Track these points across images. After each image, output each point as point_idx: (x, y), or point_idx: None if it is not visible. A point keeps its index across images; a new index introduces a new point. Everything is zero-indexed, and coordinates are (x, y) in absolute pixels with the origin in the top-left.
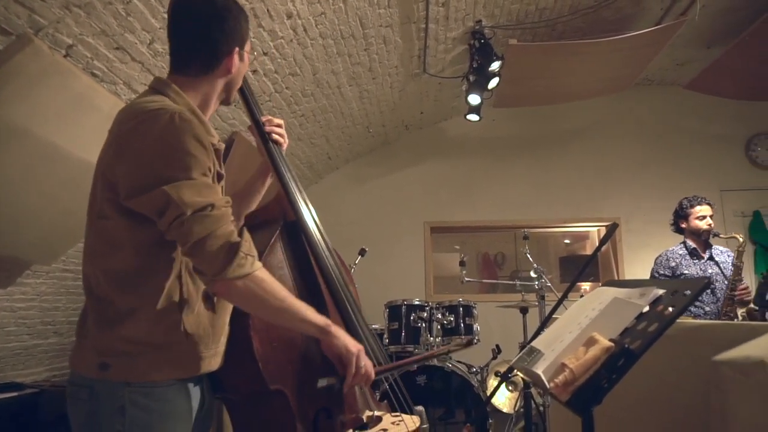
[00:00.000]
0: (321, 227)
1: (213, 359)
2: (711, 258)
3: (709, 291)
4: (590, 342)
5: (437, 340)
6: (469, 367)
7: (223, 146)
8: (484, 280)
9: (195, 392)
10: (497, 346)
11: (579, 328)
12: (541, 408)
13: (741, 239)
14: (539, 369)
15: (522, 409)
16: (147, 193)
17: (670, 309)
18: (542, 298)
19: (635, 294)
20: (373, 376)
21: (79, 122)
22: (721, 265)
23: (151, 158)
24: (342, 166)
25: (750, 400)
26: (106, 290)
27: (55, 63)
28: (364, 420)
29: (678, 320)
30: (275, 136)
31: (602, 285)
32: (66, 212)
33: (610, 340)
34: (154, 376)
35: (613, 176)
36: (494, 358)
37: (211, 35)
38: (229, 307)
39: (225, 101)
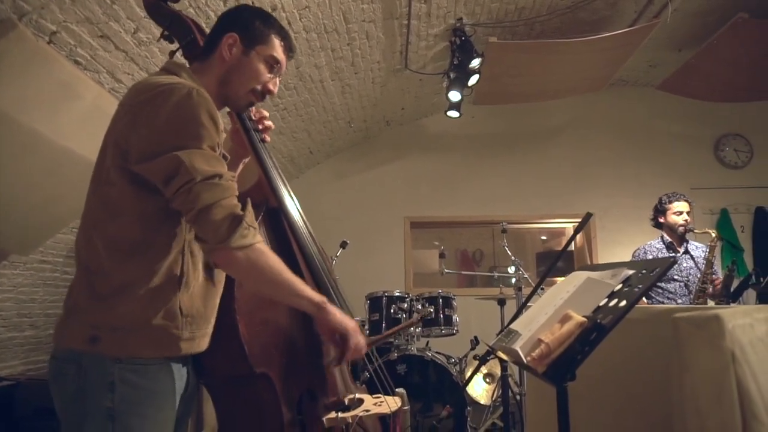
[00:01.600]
0: (303, 215)
1: (202, 340)
2: (686, 252)
3: (682, 284)
4: (565, 318)
5: (417, 330)
6: (448, 357)
7: (224, 136)
8: (463, 272)
9: (182, 373)
10: (475, 337)
11: (554, 308)
12: (518, 397)
13: (713, 234)
14: (517, 346)
15: (499, 401)
16: (159, 158)
17: (639, 287)
18: (519, 289)
19: (607, 275)
20: (365, 350)
21: (61, 110)
22: (696, 259)
23: (166, 126)
24: (323, 161)
25: (704, 350)
26: (103, 262)
27: (39, 49)
28: (346, 403)
29: (649, 306)
30: (265, 136)
31: (576, 270)
32: (46, 201)
33: (584, 316)
34: (146, 353)
35: (588, 174)
36: (473, 349)
37: (217, 22)
38: (220, 290)
39: (230, 101)
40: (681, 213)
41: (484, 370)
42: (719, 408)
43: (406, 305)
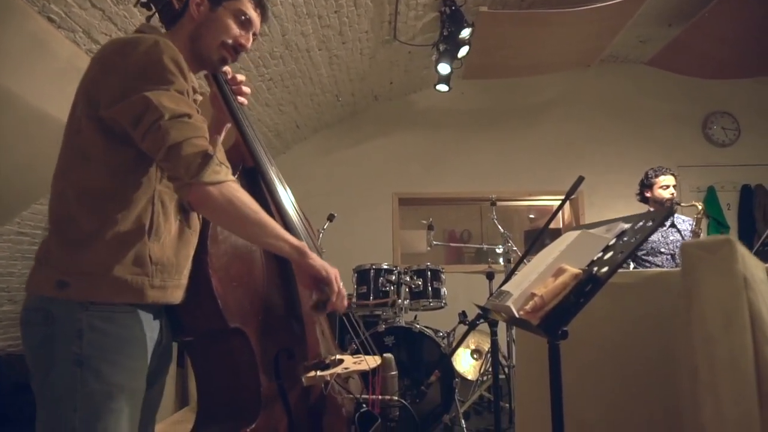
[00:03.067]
0: (282, 179)
1: (175, 291)
2: (673, 225)
3: (669, 257)
4: (559, 272)
5: (405, 303)
6: (436, 331)
7: (200, 98)
8: (452, 244)
9: (154, 325)
10: (464, 312)
11: (547, 263)
12: (506, 369)
13: (700, 207)
14: (509, 302)
15: (487, 376)
16: (127, 99)
17: (636, 238)
18: (509, 261)
19: (601, 230)
20: (346, 300)
21: (34, 67)
22: (682, 232)
23: (134, 71)
24: (310, 137)
25: (714, 276)
26: (73, 209)
27: (8, 1)
28: (326, 362)
29: (640, 270)
30: (239, 99)
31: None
32: (21, 168)
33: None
34: (114, 299)
35: (577, 150)
36: (461, 323)
37: None
38: (193, 241)
39: (203, 58)
40: (667, 187)
41: (471, 345)
42: (730, 333)
43: (394, 277)
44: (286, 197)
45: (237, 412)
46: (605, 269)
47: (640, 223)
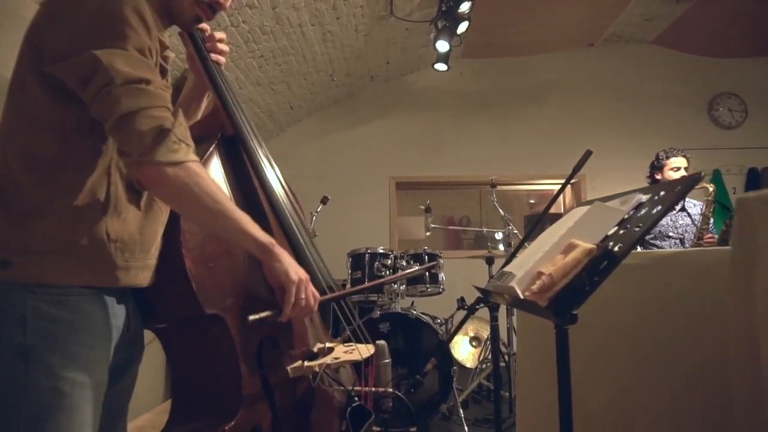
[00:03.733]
0: (269, 154)
1: (140, 272)
2: (683, 209)
3: (678, 241)
4: (570, 248)
5: (401, 288)
6: (434, 318)
7: (173, 55)
8: (450, 227)
9: (118, 310)
10: (462, 298)
11: (555, 240)
12: (506, 357)
13: (711, 189)
14: (512, 283)
15: (486, 364)
16: (74, 57)
17: (658, 209)
18: (509, 245)
19: (616, 203)
20: (314, 308)
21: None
22: (692, 216)
23: (86, 22)
24: (305, 119)
25: None
26: (18, 178)
27: None
28: (315, 351)
29: (649, 252)
30: (215, 56)
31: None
32: None
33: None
34: (65, 280)
35: (580, 133)
36: (459, 309)
37: None
38: (162, 217)
39: (175, 15)
40: (678, 169)
41: (470, 332)
42: None
43: (390, 262)
44: (272, 172)
45: (215, 408)
46: (622, 244)
47: (661, 194)
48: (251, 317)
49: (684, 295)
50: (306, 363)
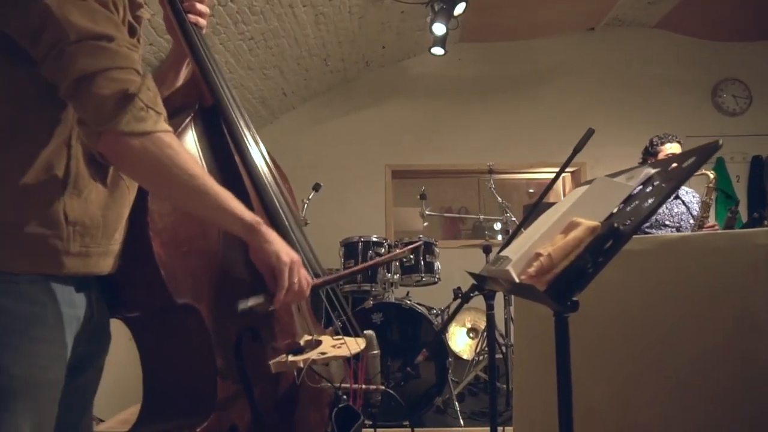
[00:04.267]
0: (254, 131)
1: (102, 259)
2: (677, 197)
3: (674, 230)
4: (571, 227)
5: (395, 277)
6: (429, 308)
7: (147, 15)
8: (446, 214)
9: (76, 299)
10: (458, 288)
11: (554, 219)
12: (503, 348)
13: (712, 176)
14: (508, 266)
15: (482, 357)
16: (20, 8)
17: (672, 179)
18: (507, 232)
19: (622, 179)
20: (307, 292)
21: None
22: (687, 204)
23: None
24: (299, 106)
25: None
26: None
27: None
28: (301, 344)
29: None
30: (194, 17)
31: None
32: None
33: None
34: (13, 266)
35: (580, 121)
36: (455, 299)
37: None
38: (128, 197)
39: None
40: (673, 155)
41: (468, 323)
42: None
43: (383, 251)
44: (256, 148)
45: (188, 406)
46: (629, 221)
47: (672, 166)
48: (241, 305)
49: (691, 281)
50: (290, 358)
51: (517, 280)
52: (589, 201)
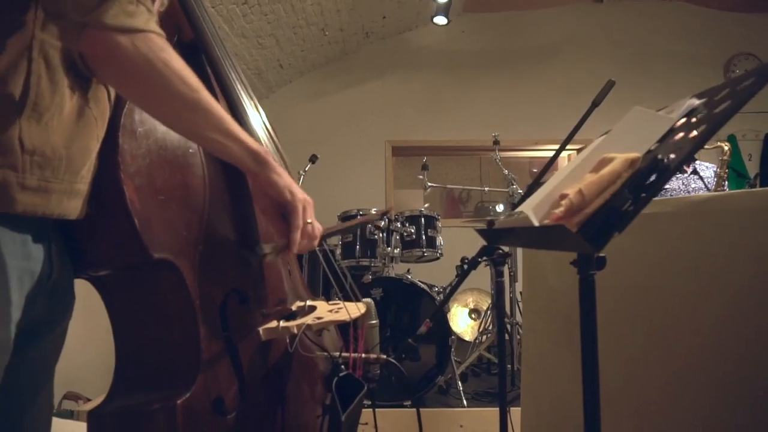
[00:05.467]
0: (247, 84)
1: (65, 199)
2: (695, 172)
3: None
4: (603, 164)
5: (396, 251)
6: (430, 286)
7: None
8: (449, 185)
9: (32, 250)
10: (462, 261)
11: (580, 160)
12: (509, 327)
13: (726, 148)
14: (527, 211)
15: (485, 337)
16: None
17: (726, 104)
18: (513, 206)
19: (661, 113)
20: (318, 239)
21: None
22: (705, 179)
23: None
24: (296, 79)
25: None
26: None
27: None
28: (293, 309)
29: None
30: None
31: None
32: None
33: None
34: None
35: (586, 96)
36: (458, 276)
37: None
38: (96, 130)
39: None
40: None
41: (470, 304)
42: None
43: (383, 224)
44: (244, 91)
45: (166, 377)
46: (675, 153)
47: (723, 92)
48: (264, 246)
49: (722, 247)
50: (282, 323)
51: (536, 224)
52: (623, 134)
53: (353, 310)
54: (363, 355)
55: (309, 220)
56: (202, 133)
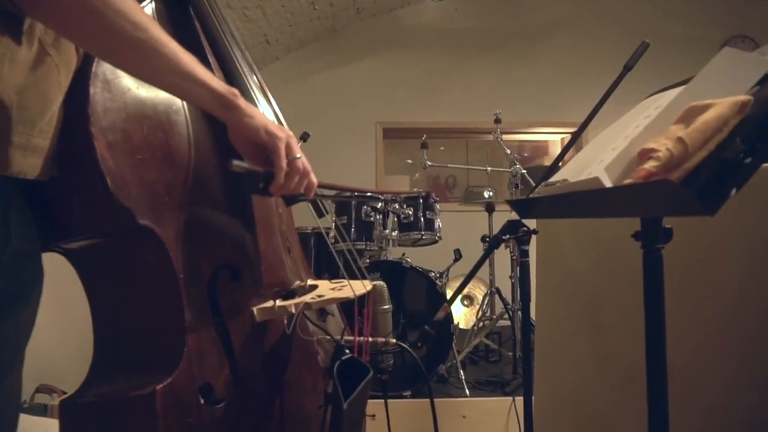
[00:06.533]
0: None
1: (22, 155)
2: None
3: None
4: (693, 111)
5: (393, 234)
6: (427, 271)
7: None
8: (450, 165)
9: None
10: (458, 249)
11: (655, 113)
12: (510, 312)
13: None
14: (597, 173)
15: (483, 323)
16: None
17: None
18: (516, 187)
19: (754, 54)
20: (314, 180)
21: None
22: None
23: None
24: (283, 57)
25: None
26: None
27: None
28: (291, 289)
29: None
30: None
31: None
32: None
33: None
34: None
35: (582, 79)
36: (456, 261)
37: None
38: (59, 77)
39: None
40: None
41: (464, 291)
42: None
43: (380, 206)
44: (238, 50)
45: (147, 361)
46: None
47: None
48: (233, 163)
49: None
50: (278, 302)
51: (608, 185)
52: (711, 79)
53: (358, 287)
54: (369, 339)
55: (297, 155)
56: (158, 77)
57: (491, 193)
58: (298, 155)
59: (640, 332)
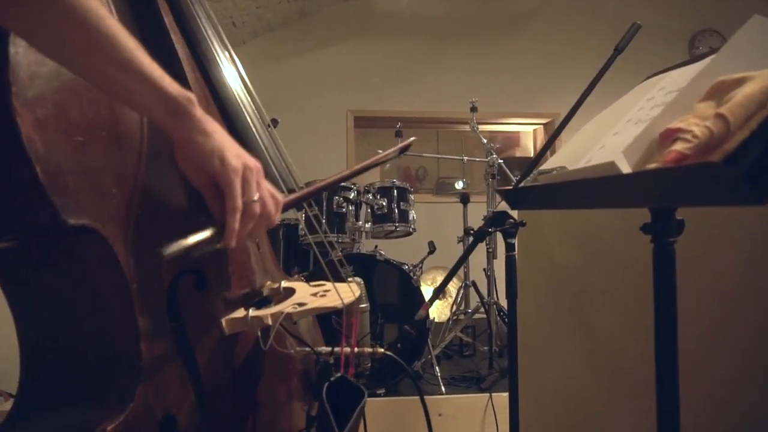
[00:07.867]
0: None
1: None
2: None
3: None
4: (722, 87)
5: (367, 225)
6: (401, 264)
7: None
8: (425, 154)
9: None
10: (432, 242)
11: (674, 92)
12: (486, 306)
13: None
14: (614, 157)
15: (458, 317)
16: None
17: None
18: (493, 177)
19: None
20: (277, 216)
21: None
22: None
23: None
24: (249, 41)
25: None
26: None
27: None
28: (264, 294)
29: None
30: None
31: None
32: None
33: None
34: None
35: (555, 68)
36: (431, 253)
37: None
38: None
39: None
40: None
41: (436, 283)
42: None
43: (353, 196)
44: (218, 44)
45: (91, 392)
46: None
47: None
48: (167, 249)
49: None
50: (251, 312)
51: (627, 171)
52: (739, 52)
53: (346, 292)
54: (357, 350)
55: (254, 197)
56: (92, 69)
57: (463, 184)
58: (255, 197)
59: (628, 328)
